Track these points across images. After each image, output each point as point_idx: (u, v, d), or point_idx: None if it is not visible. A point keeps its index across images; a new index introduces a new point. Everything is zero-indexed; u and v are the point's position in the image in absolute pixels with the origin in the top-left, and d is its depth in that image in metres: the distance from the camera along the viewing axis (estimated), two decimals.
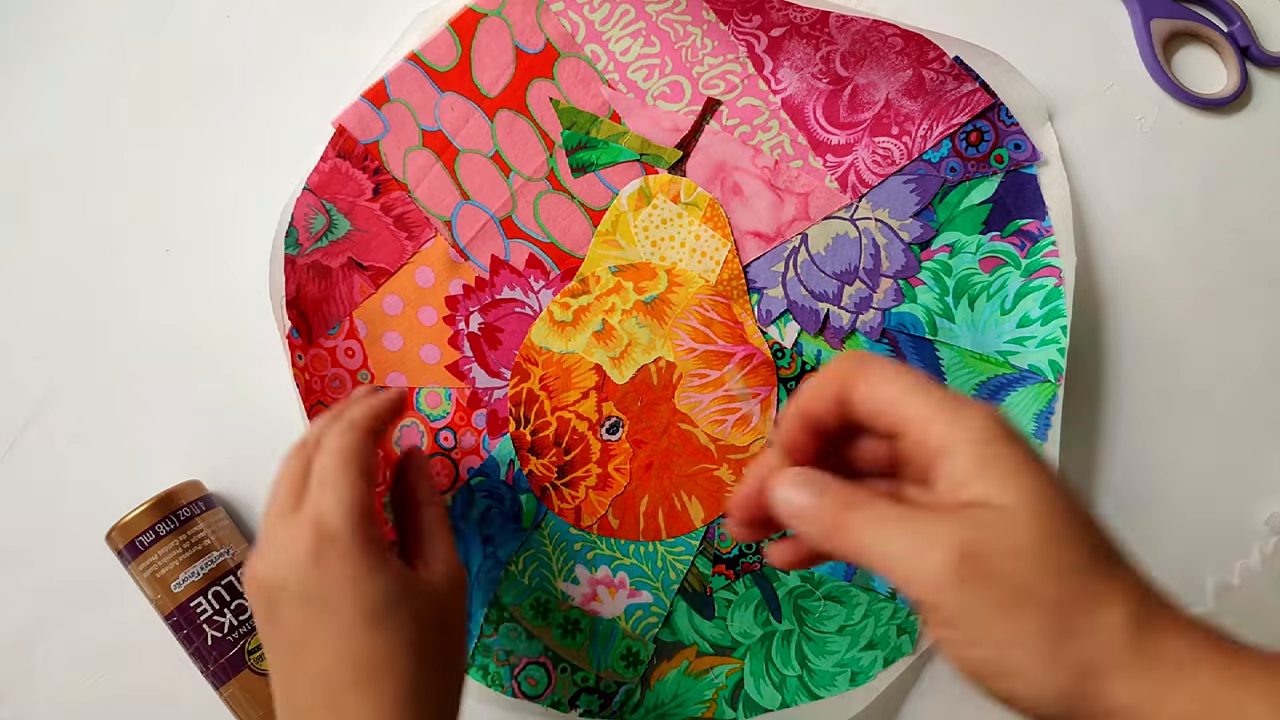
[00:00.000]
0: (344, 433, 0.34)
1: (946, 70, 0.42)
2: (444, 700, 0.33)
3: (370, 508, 0.32)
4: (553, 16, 0.42)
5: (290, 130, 0.44)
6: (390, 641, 0.31)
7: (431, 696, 0.32)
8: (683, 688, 0.44)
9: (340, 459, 0.33)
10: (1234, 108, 0.45)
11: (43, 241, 0.46)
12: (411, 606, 0.32)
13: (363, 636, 0.31)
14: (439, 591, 0.34)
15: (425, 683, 0.31)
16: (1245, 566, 0.45)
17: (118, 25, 0.46)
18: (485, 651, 0.44)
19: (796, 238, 0.43)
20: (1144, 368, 0.45)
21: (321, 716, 0.31)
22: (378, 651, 0.31)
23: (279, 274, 0.43)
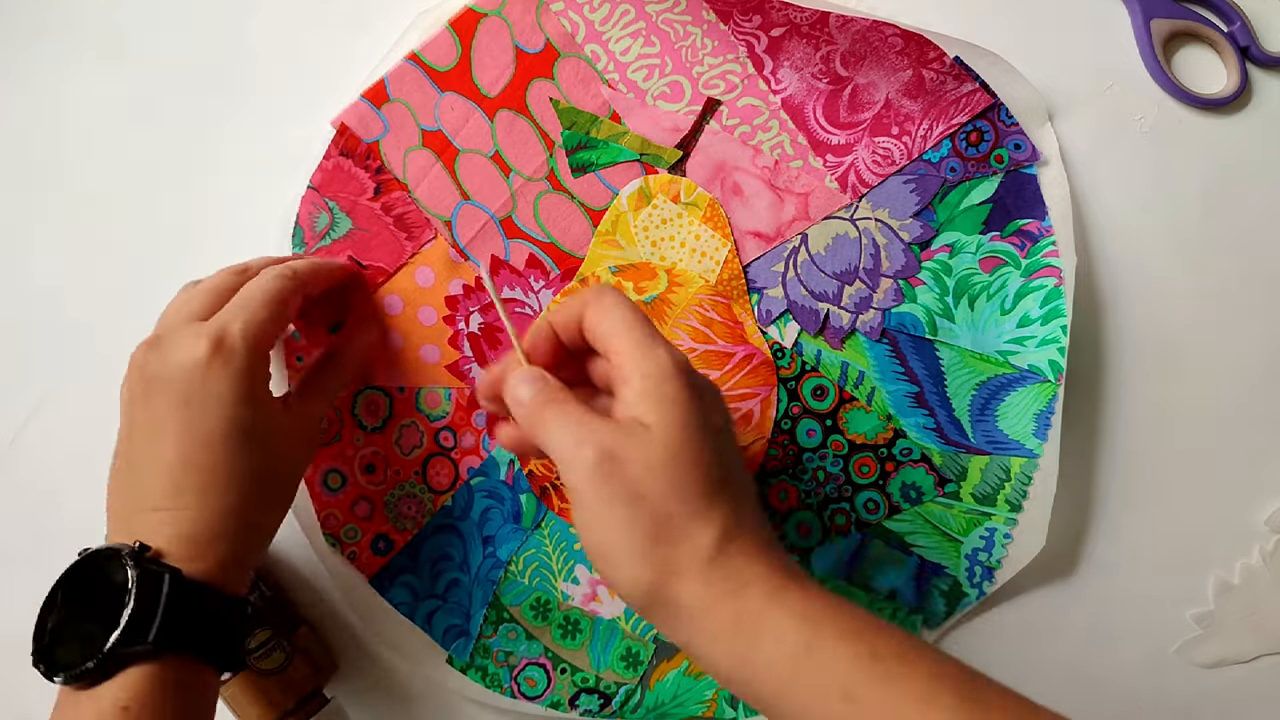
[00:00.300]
0: (280, 276, 0.37)
1: (946, 70, 0.42)
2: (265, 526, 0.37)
3: (269, 346, 0.36)
4: (553, 16, 0.42)
5: (290, 130, 0.44)
6: (239, 464, 0.34)
7: (255, 518, 0.35)
8: (683, 688, 0.44)
9: (264, 294, 0.36)
10: (1234, 108, 0.45)
11: (43, 241, 0.46)
12: (269, 442, 0.35)
13: (218, 450, 0.33)
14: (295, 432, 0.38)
15: (254, 506, 0.35)
16: (1246, 566, 0.45)
17: (118, 25, 0.46)
18: (484, 652, 0.44)
19: (796, 238, 0.43)
20: (1144, 368, 0.45)
21: (157, 502, 0.33)
22: (226, 468, 0.34)
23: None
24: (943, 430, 0.43)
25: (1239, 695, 0.45)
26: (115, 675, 0.31)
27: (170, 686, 0.31)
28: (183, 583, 0.32)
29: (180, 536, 0.33)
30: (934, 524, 0.43)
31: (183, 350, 0.34)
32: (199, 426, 0.33)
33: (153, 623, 0.31)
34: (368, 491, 0.44)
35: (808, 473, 0.43)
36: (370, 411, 0.44)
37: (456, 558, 0.44)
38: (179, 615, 0.31)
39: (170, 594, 0.31)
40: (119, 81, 0.46)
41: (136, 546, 0.32)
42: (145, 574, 0.31)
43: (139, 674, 0.31)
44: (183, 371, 0.34)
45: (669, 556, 0.29)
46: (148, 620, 0.31)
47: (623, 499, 0.29)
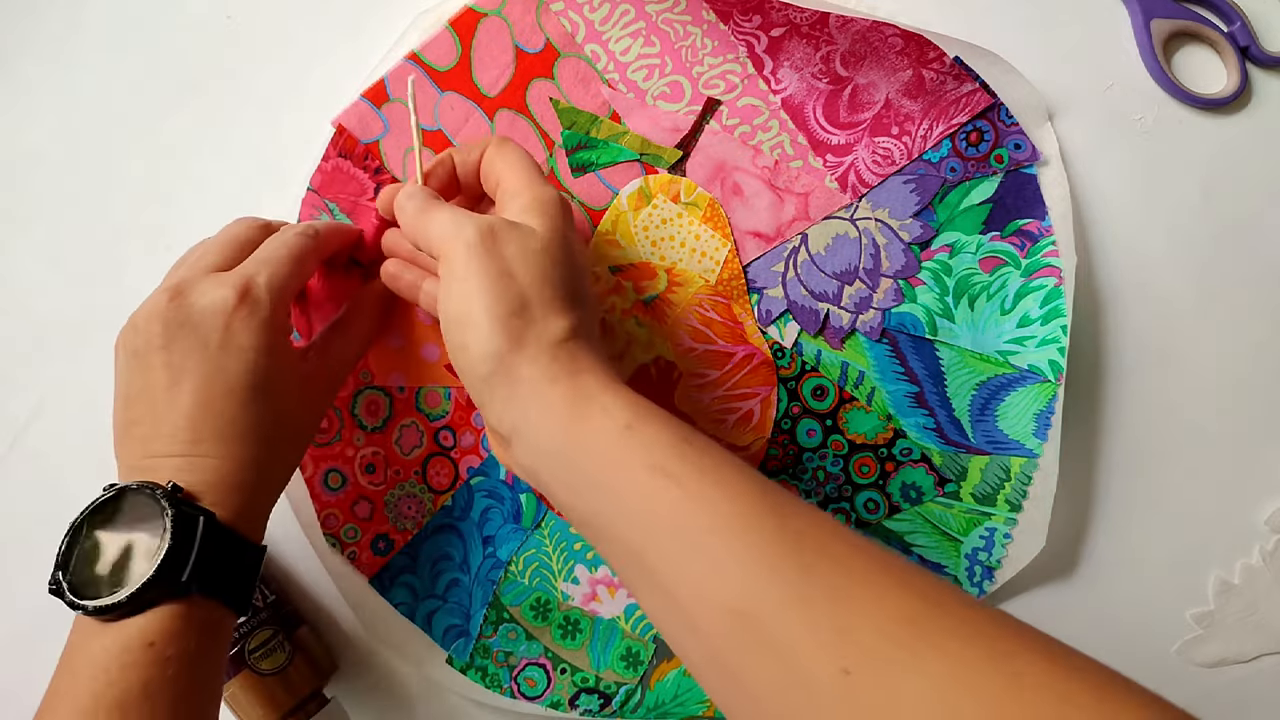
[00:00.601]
0: (302, 234, 0.38)
1: (946, 70, 0.42)
2: (279, 477, 0.37)
3: (290, 300, 0.37)
4: (553, 16, 0.42)
5: (290, 130, 0.44)
6: (260, 415, 0.35)
7: (271, 469, 0.36)
8: (683, 688, 0.44)
9: (288, 249, 0.37)
10: (1234, 108, 0.45)
11: (43, 241, 0.46)
12: (288, 394, 0.36)
13: (241, 400, 0.34)
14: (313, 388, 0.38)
15: (271, 457, 0.36)
16: (1246, 566, 0.45)
17: (118, 26, 0.46)
18: (484, 652, 0.44)
19: (796, 238, 0.43)
20: (1144, 368, 0.45)
21: (177, 449, 0.33)
22: (247, 418, 0.34)
23: None
24: (943, 430, 0.43)
25: (1239, 695, 0.45)
26: (144, 611, 0.31)
27: (195, 626, 0.32)
28: (215, 525, 0.32)
29: (205, 483, 0.33)
30: (934, 524, 0.43)
31: (208, 298, 0.34)
32: (223, 375, 0.34)
33: (187, 563, 0.31)
34: (368, 491, 0.44)
35: (808, 473, 0.43)
36: (370, 411, 0.44)
37: (456, 558, 0.44)
38: (208, 557, 0.32)
39: (203, 536, 0.32)
40: (118, 81, 0.46)
41: (170, 486, 0.32)
42: (181, 514, 0.32)
43: (167, 612, 0.31)
44: (208, 319, 0.34)
45: (522, 331, 0.31)
46: (182, 560, 0.31)
47: (494, 273, 0.31)
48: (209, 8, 0.46)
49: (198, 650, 0.32)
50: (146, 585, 0.31)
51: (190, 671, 0.32)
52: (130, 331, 0.35)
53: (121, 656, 0.30)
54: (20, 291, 0.47)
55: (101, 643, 0.31)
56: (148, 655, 0.31)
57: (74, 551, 0.32)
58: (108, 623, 0.31)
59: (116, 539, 0.32)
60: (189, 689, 0.31)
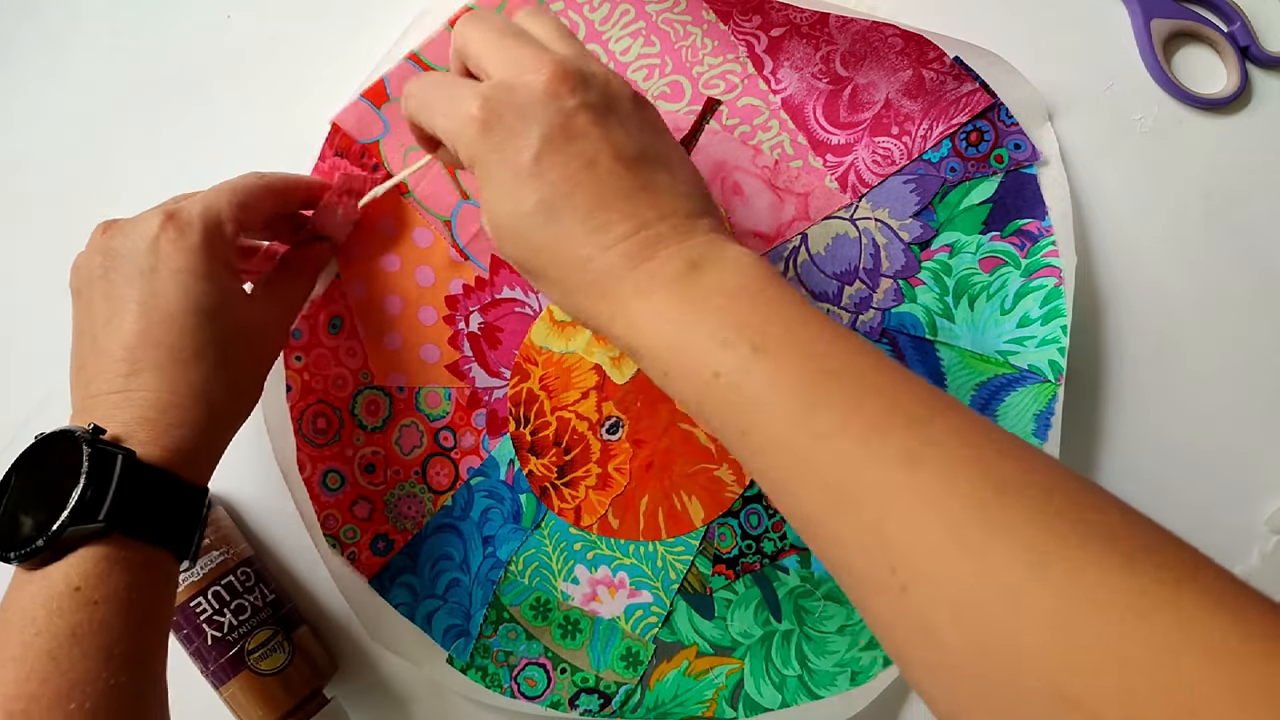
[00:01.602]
0: (251, 173, 0.38)
1: (946, 70, 0.42)
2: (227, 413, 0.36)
3: (228, 230, 0.36)
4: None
5: (290, 130, 0.44)
6: (200, 340, 0.34)
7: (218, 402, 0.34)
8: (683, 688, 0.44)
9: (229, 184, 0.37)
10: (1234, 108, 0.45)
11: (43, 241, 0.46)
12: (231, 325, 0.35)
13: (177, 324, 0.33)
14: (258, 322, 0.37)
15: (217, 389, 0.34)
16: (1246, 567, 0.45)
17: (118, 26, 0.46)
18: (484, 652, 0.44)
19: (796, 238, 0.43)
20: (1144, 368, 0.45)
21: (114, 384, 0.33)
22: (186, 344, 0.33)
23: None
24: None
25: None
26: (66, 555, 0.30)
27: (123, 567, 0.31)
28: (136, 464, 0.31)
29: (139, 419, 0.32)
30: None
31: (139, 226, 0.35)
32: (158, 300, 0.33)
33: (103, 503, 0.30)
34: (367, 492, 0.44)
35: None
36: (370, 411, 0.44)
37: (456, 558, 0.44)
38: (131, 497, 0.31)
39: (123, 475, 0.31)
40: (118, 81, 0.46)
41: (90, 429, 0.31)
42: (98, 454, 0.31)
43: (90, 553, 0.31)
44: (139, 246, 0.34)
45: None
46: (99, 501, 0.30)
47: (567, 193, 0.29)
48: (209, 7, 0.46)
49: (129, 593, 0.31)
50: (60, 527, 0.30)
51: (123, 614, 0.31)
52: (74, 271, 0.35)
53: (48, 603, 0.30)
54: (20, 291, 0.47)
55: (29, 591, 0.30)
56: (74, 600, 0.30)
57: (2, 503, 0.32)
58: (34, 570, 0.31)
59: (42, 487, 0.31)
60: (124, 632, 0.31)
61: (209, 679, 0.42)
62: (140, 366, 0.33)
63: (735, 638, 0.44)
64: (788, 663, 0.44)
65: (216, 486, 0.45)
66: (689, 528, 0.44)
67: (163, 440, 0.32)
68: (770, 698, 0.44)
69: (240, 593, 0.42)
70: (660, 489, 0.44)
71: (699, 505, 0.44)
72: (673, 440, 0.44)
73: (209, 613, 0.41)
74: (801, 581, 0.44)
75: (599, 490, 0.44)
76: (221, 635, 0.41)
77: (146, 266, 0.34)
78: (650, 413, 0.44)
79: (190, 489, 0.33)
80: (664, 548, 0.44)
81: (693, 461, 0.44)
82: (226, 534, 0.43)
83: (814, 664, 0.44)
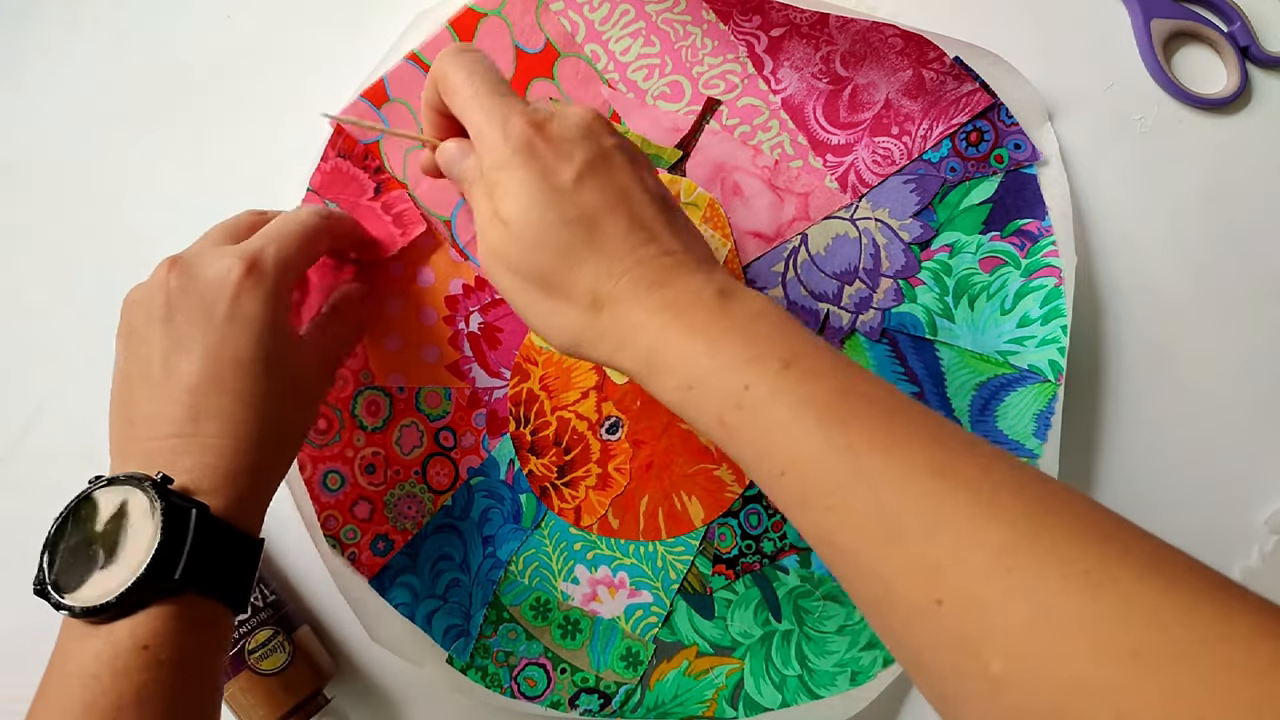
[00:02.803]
0: (314, 212, 0.37)
1: (946, 70, 0.42)
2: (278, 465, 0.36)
3: (296, 276, 0.36)
4: (553, 16, 0.42)
5: (290, 130, 0.44)
6: (263, 390, 0.33)
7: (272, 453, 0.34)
8: (683, 688, 0.44)
9: (298, 225, 0.36)
10: (1234, 108, 0.45)
11: (43, 242, 0.46)
12: (289, 374, 0.35)
13: (245, 373, 0.33)
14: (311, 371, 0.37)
15: (273, 439, 0.34)
16: (1245, 567, 0.45)
17: (118, 26, 0.46)
18: (484, 652, 0.44)
19: (796, 238, 0.43)
20: (1144, 368, 0.45)
21: (176, 428, 0.32)
22: (250, 393, 0.33)
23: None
24: None
25: None
26: (135, 613, 0.29)
27: (191, 626, 0.30)
28: (208, 519, 0.31)
29: (203, 467, 0.31)
30: None
31: (214, 269, 0.34)
32: (228, 346, 0.33)
33: (179, 561, 0.30)
34: (367, 492, 0.44)
35: None
36: (370, 411, 0.44)
37: (456, 558, 0.44)
38: (203, 553, 0.30)
39: (196, 531, 0.30)
40: (119, 82, 0.46)
41: (159, 477, 0.30)
42: (171, 508, 0.30)
43: (160, 612, 0.29)
44: (214, 290, 0.33)
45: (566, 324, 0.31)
46: (174, 557, 0.29)
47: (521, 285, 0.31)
48: (209, 8, 0.46)
49: (195, 651, 0.30)
50: (137, 585, 0.29)
51: (187, 673, 0.30)
52: (130, 307, 0.34)
53: (113, 662, 0.29)
54: (20, 291, 0.47)
55: (92, 647, 0.29)
56: (141, 659, 0.29)
57: (59, 549, 0.30)
58: (97, 625, 0.29)
59: (104, 534, 0.30)
60: (186, 691, 0.30)
61: None
62: (202, 413, 0.32)
63: (735, 638, 0.44)
64: (788, 663, 0.44)
65: None
66: (689, 528, 0.44)
67: (226, 490, 0.32)
68: (770, 698, 0.44)
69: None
70: (660, 489, 0.44)
71: (699, 505, 0.44)
72: (672, 440, 0.44)
73: None
74: (801, 581, 0.44)
75: (599, 490, 0.44)
76: None
77: (220, 312, 0.33)
78: (650, 413, 0.44)
79: (249, 541, 0.33)
80: (664, 548, 0.44)
81: (692, 461, 0.44)
82: None
83: (814, 664, 0.44)
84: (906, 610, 0.24)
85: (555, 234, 0.30)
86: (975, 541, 0.23)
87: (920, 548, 0.23)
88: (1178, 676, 0.19)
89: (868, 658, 0.43)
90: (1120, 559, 0.22)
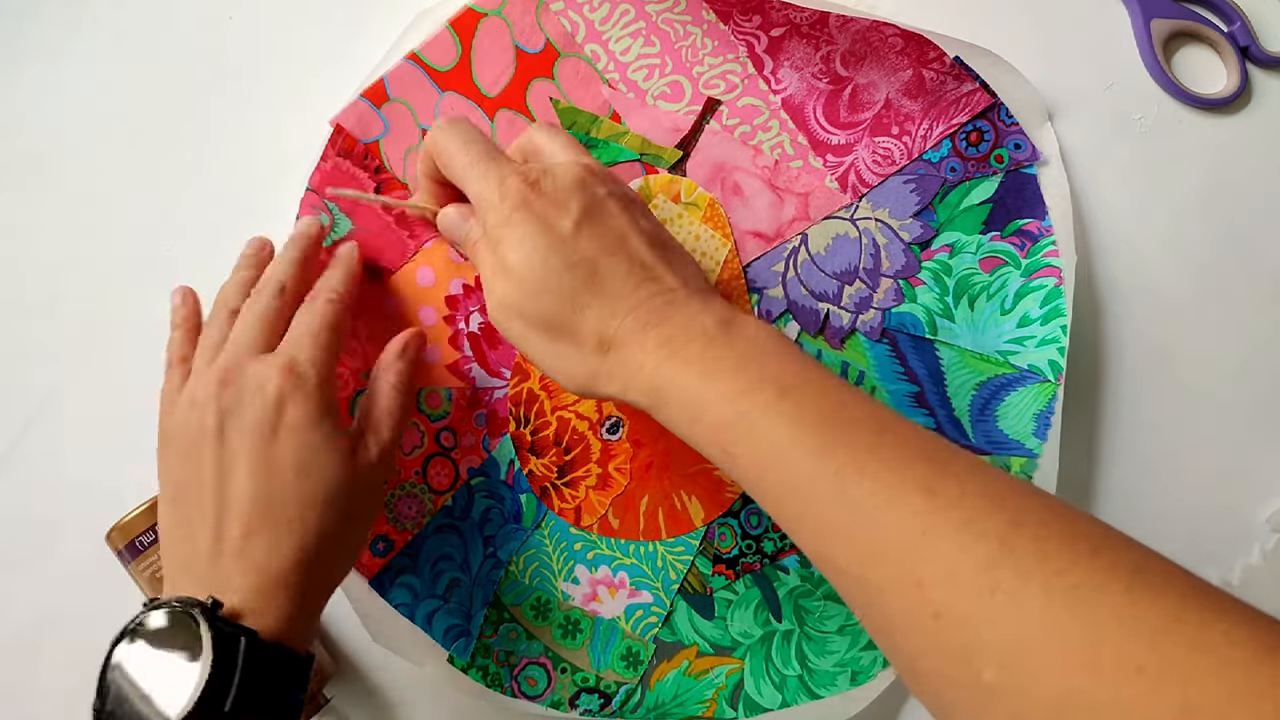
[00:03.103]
0: (330, 301, 0.37)
1: (946, 70, 0.42)
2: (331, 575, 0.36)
3: (333, 375, 0.36)
4: (553, 16, 0.42)
5: (290, 130, 0.44)
6: (310, 496, 0.34)
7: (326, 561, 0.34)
8: (683, 688, 0.44)
9: (324, 320, 0.37)
10: (1234, 108, 0.45)
11: (43, 241, 0.46)
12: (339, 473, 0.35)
13: (291, 481, 0.33)
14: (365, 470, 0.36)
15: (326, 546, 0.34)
16: (1246, 565, 0.45)
17: (119, 26, 0.46)
18: (485, 652, 0.44)
19: (796, 238, 0.43)
20: (1144, 368, 0.45)
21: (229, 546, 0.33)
22: (300, 500, 0.33)
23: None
24: (943, 430, 0.43)
25: None
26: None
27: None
28: (258, 644, 0.31)
29: (254, 588, 0.32)
30: None
31: (257, 382, 0.34)
32: (275, 457, 0.33)
33: (229, 691, 0.29)
34: None
35: None
36: None
37: (457, 558, 0.44)
38: (254, 679, 0.30)
39: (246, 657, 0.30)
40: (119, 83, 0.46)
41: (209, 603, 0.30)
42: (220, 635, 0.30)
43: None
44: (259, 404, 0.34)
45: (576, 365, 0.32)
46: (224, 688, 0.29)
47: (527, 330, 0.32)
48: (210, 8, 0.46)
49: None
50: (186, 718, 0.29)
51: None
52: (179, 427, 0.35)
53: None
54: (20, 291, 0.47)
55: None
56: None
57: (108, 677, 0.31)
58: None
59: (154, 662, 0.30)
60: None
61: None
62: (255, 526, 0.32)
63: (735, 638, 0.44)
64: (788, 662, 0.44)
65: None
66: (689, 528, 0.44)
67: (275, 610, 0.32)
68: (770, 698, 0.44)
69: None
70: (660, 489, 0.44)
71: (699, 505, 0.44)
72: (673, 440, 0.43)
73: None
74: (802, 581, 0.44)
75: (599, 490, 0.44)
76: None
77: (266, 427, 0.34)
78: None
79: (300, 660, 0.33)
80: (664, 548, 0.44)
81: (693, 461, 0.44)
82: None
83: (814, 664, 0.44)
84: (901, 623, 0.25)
85: (559, 279, 0.31)
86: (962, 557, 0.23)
87: (910, 565, 0.24)
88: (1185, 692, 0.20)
89: (868, 658, 0.43)
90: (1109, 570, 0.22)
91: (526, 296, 0.31)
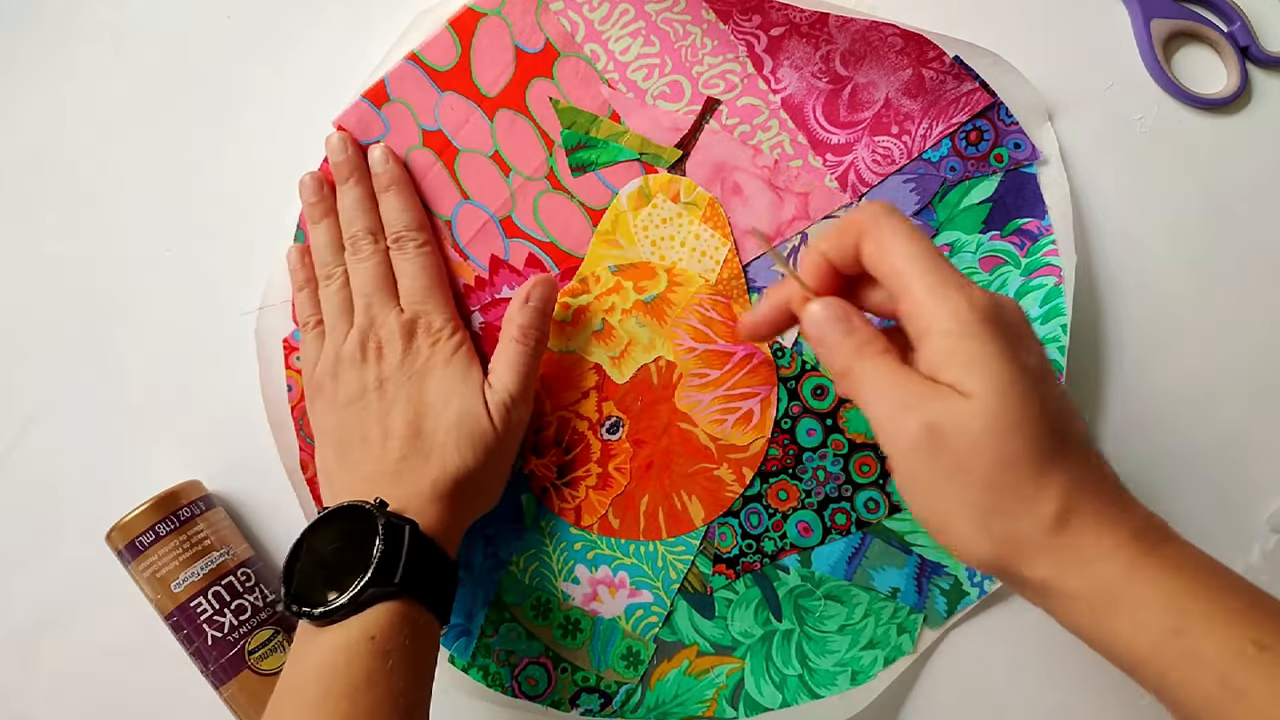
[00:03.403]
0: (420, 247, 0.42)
1: (946, 70, 0.42)
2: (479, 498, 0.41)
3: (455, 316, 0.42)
4: (552, 16, 0.42)
5: (290, 130, 0.44)
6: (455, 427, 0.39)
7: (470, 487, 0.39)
8: (683, 687, 0.44)
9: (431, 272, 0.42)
10: (1234, 108, 0.45)
11: (43, 242, 0.46)
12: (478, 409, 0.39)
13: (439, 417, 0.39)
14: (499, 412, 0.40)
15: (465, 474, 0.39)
16: (1246, 565, 0.45)
17: (119, 26, 0.46)
18: (485, 651, 0.44)
19: (796, 237, 0.43)
20: (1144, 367, 0.45)
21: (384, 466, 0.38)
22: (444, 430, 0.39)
23: (281, 274, 0.43)
24: None
25: None
26: (362, 611, 0.34)
27: (409, 625, 0.35)
28: (419, 535, 0.36)
29: (409, 496, 0.37)
30: None
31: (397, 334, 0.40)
32: (422, 396, 0.39)
33: (398, 567, 0.35)
34: None
35: (808, 472, 0.43)
36: None
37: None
38: (416, 563, 0.35)
39: (411, 543, 0.35)
40: (119, 83, 0.46)
41: (377, 502, 0.36)
42: (390, 525, 0.35)
43: (384, 610, 0.34)
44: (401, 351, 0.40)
45: (1008, 532, 0.27)
46: (393, 565, 0.35)
47: (948, 473, 0.27)
48: (209, 7, 0.46)
49: (412, 647, 0.34)
50: (365, 586, 0.34)
51: (405, 667, 0.34)
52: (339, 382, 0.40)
53: (346, 650, 0.33)
54: (20, 291, 0.47)
55: (328, 640, 0.34)
56: (369, 648, 0.33)
57: (294, 568, 0.36)
58: (331, 625, 0.34)
59: (337, 553, 0.35)
60: (405, 684, 0.34)
61: (209, 679, 0.42)
62: (411, 453, 0.38)
63: (736, 637, 0.44)
64: (788, 662, 0.44)
65: (216, 487, 0.45)
66: (689, 527, 0.44)
67: (428, 515, 0.37)
68: (771, 697, 0.44)
69: (240, 593, 0.42)
70: (660, 489, 0.44)
71: (699, 505, 0.44)
72: (673, 440, 0.44)
73: (209, 613, 0.41)
74: (802, 581, 0.44)
75: (599, 490, 0.44)
76: (222, 635, 0.41)
77: (414, 370, 0.40)
78: (650, 412, 0.44)
79: (450, 561, 0.38)
80: (664, 547, 0.44)
81: (693, 461, 0.44)
82: (226, 534, 0.43)
83: (814, 663, 0.44)
84: None
85: (1035, 424, 0.27)
86: None
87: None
88: None
89: (868, 657, 0.43)
90: None
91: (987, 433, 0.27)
